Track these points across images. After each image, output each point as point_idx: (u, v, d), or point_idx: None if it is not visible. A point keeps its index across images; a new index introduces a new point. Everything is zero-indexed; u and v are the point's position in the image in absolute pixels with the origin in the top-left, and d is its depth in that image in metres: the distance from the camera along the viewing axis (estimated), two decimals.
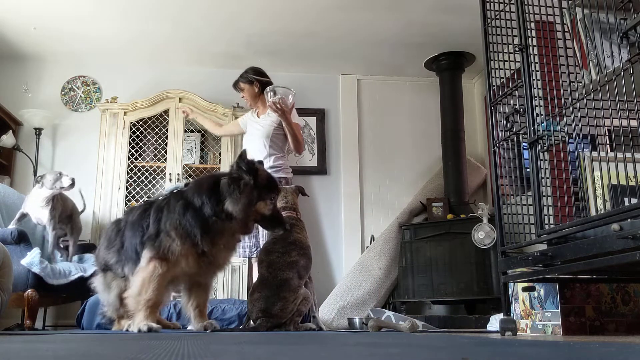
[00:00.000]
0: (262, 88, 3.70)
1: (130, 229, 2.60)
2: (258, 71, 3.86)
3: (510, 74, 2.47)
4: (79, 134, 5.15)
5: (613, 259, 1.71)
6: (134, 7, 4.37)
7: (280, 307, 2.58)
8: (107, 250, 2.72)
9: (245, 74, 3.84)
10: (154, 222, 2.48)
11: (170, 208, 2.48)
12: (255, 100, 3.82)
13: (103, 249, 2.76)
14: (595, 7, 1.99)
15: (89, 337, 1.95)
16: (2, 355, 1.03)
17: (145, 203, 2.71)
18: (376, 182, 5.48)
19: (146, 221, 2.53)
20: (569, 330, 2.50)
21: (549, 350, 1.21)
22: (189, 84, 5.18)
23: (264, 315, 2.57)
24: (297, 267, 2.71)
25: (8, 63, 5.18)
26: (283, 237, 2.76)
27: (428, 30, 4.76)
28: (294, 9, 4.44)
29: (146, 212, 2.58)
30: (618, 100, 1.77)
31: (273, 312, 2.57)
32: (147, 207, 2.61)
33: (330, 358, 0.96)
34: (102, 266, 2.76)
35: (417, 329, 2.66)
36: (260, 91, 3.73)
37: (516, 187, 2.40)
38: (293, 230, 2.79)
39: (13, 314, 4.38)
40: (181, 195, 2.53)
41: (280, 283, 2.62)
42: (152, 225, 2.48)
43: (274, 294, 2.59)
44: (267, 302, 2.58)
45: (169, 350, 1.16)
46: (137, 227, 2.55)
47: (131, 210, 2.78)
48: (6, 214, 4.04)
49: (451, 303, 4.65)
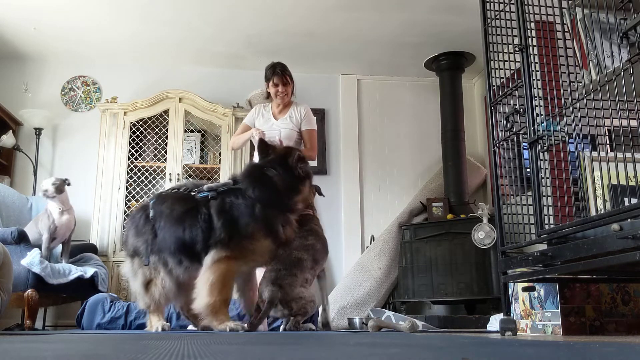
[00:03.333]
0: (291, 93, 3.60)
1: (170, 223, 2.61)
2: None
3: (510, 74, 2.47)
4: (79, 134, 5.15)
5: (613, 259, 1.71)
6: (134, 7, 4.37)
7: (289, 282, 2.59)
8: (136, 237, 2.74)
9: (288, 70, 3.57)
10: (224, 226, 2.52)
11: (240, 209, 2.54)
12: (285, 99, 3.58)
13: (132, 235, 2.76)
14: (595, 7, 1.99)
15: (89, 337, 1.95)
16: (2, 355, 1.03)
17: (181, 196, 2.68)
18: (376, 182, 5.48)
19: (201, 221, 2.54)
20: (569, 330, 2.50)
21: (549, 350, 1.21)
22: (189, 84, 5.19)
23: (274, 285, 2.58)
24: (313, 251, 2.75)
25: (8, 63, 5.18)
26: (301, 226, 2.81)
27: (428, 30, 4.76)
28: (294, 9, 4.44)
29: (194, 210, 2.57)
30: (618, 100, 1.77)
31: (283, 284, 2.58)
32: (195, 205, 2.60)
33: (330, 358, 0.96)
34: (132, 252, 2.77)
35: (417, 329, 2.66)
36: (291, 93, 3.60)
37: (516, 187, 2.40)
38: (310, 224, 2.86)
39: (13, 314, 4.38)
40: (242, 193, 2.58)
41: (294, 261, 2.65)
42: (221, 229, 2.52)
43: (285, 268, 2.62)
44: (278, 274, 2.60)
45: (169, 350, 1.16)
46: (184, 224, 2.57)
47: (162, 200, 2.73)
48: (6, 214, 4.04)
49: (451, 303, 4.65)
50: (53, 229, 3.73)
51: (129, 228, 2.80)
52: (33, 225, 3.80)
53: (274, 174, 2.68)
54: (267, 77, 3.56)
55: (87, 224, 4.66)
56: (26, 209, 4.31)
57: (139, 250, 2.70)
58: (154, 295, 2.66)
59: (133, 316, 3.33)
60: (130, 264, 2.78)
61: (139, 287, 2.71)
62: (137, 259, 2.72)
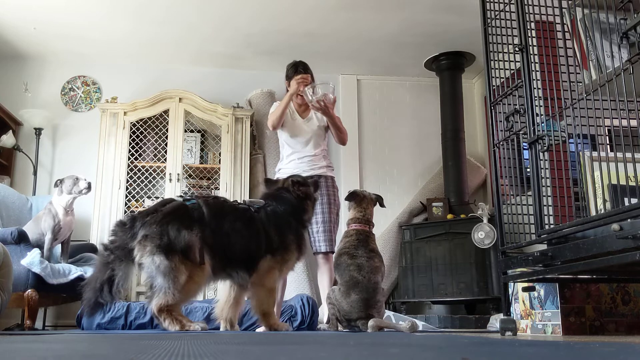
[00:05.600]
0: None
1: (232, 229, 2.68)
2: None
3: (510, 74, 2.47)
4: (79, 134, 5.16)
5: (613, 259, 1.71)
6: (134, 7, 4.38)
7: (377, 310, 2.74)
8: (183, 233, 2.61)
9: (310, 69, 3.55)
10: (278, 236, 2.76)
11: (281, 225, 2.79)
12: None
13: (174, 230, 2.57)
14: (595, 7, 1.99)
15: (89, 337, 1.95)
16: (2, 355, 1.03)
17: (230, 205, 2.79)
18: (376, 182, 5.48)
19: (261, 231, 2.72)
20: (569, 330, 2.50)
21: (549, 350, 1.21)
22: (189, 84, 5.19)
23: (367, 317, 2.68)
24: (380, 273, 2.83)
25: (8, 63, 5.18)
26: (363, 244, 2.86)
27: (428, 30, 4.76)
28: (294, 9, 4.44)
29: (251, 220, 2.73)
30: (618, 100, 1.77)
31: (374, 316, 2.71)
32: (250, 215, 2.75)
33: (330, 358, 0.96)
34: (170, 246, 2.61)
35: (417, 329, 2.66)
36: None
37: (516, 187, 2.40)
38: (369, 240, 2.89)
39: (13, 314, 4.38)
40: (275, 213, 2.82)
41: (374, 287, 2.75)
42: (277, 238, 2.75)
43: (372, 297, 2.73)
44: (367, 304, 2.71)
45: (169, 350, 1.16)
46: (246, 232, 2.70)
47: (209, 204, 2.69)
48: (6, 214, 4.04)
49: (451, 303, 4.65)
50: (57, 229, 3.73)
51: (169, 222, 2.55)
52: (33, 224, 3.79)
53: (287, 194, 2.92)
54: (288, 76, 3.54)
55: (87, 224, 4.66)
56: (26, 209, 4.31)
57: (188, 247, 2.53)
58: (190, 292, 2.56)
59: (133, 316, 3.33)
60: (164, 257, 2.49)
61: (178, 282, 2.49)
62: (177, 255, 2.51)
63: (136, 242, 2.50)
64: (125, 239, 2.54)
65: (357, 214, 2.97)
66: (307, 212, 2.96)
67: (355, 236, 2.88)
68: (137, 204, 4.80)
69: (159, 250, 2.48)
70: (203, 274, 2.57)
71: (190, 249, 2.53)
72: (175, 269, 2.48)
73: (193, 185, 4.98)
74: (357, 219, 2.95)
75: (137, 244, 2.50)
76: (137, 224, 2.54)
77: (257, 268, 2.70)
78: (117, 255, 2.52)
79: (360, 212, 2.97)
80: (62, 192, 3.78)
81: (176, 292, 2.48)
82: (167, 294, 2.48)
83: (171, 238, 2.50)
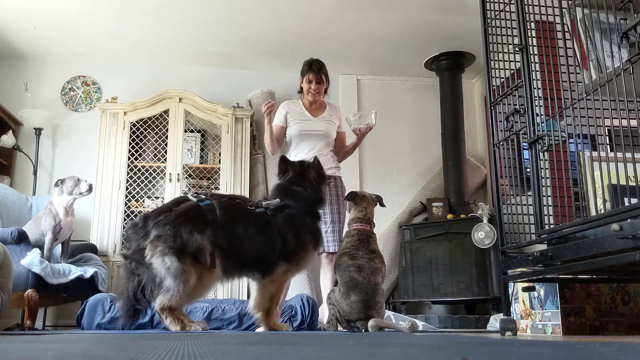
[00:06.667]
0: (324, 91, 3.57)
1: (246, 231, 2.64)
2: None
3: (510, 74, 2.47)
4: (79, 134, 5.16)
5: (613, 259, 1.71)
6: (134, 7, 4.38)
7: (377, 311, 2.74)
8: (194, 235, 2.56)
9: (325, 68, 3.54)
10: (294, 238, 2.69)
11: (297, 227, 2.71)
12: (317, 97, 3.53)
13: (186, 232, 2.54)
14: (595, 7, 1.99)
15: (89, 337, 1.95)
16: (2, 355, 1.03)
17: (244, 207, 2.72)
18: (376, 182, 5.48)
19: (275, 234, 2.66)
20: (569, 330, 2.50)
21: (549, 350, 1.21)
22: (189, 84, 5.19)
23: (366, 318, 2.69)
24: (381, 274, 2.83)
25: (8, 63, 5.18)
26: (364, 245, 2.85)
27: (428, 30, 4.76)
28: (294, 9, 4.44)
29: (266, 222, 2.66)
30: (618, 100, 1.77)
31: (374, 317, 2.72)
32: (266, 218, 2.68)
33: (330, 358, 0.96)
34: (183, 248, 2.55)
35: (417, 329, 2.67)
36: (324, 93, 3.58)
37: (516, 187, 2.40)
38: (370, 241, 2.88)
39: (13, 314, 4.38)
40: (292, 217, 2.74)
41: (374, 288, 2.75)
42: (293, 241, 2.69)
43: (371, 299, 2.73)
44: (367, 305, 2.71)
45: (169, 350, 1.16)
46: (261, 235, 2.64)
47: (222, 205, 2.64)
48: (6, 214, 4.04)
49: (451, 303, 4.65)
50: (58, 230, 3.73)
51: (181, 223, 2.52)
52: (33, 224, 3.79)
53: (300, 189, 2.82)
54: (302, 73, 3.53)
55: (87, 224, 4.66)
56: (26, 209, 4.31)
57: (199, 250, 2.50)
58: (197, 295, 2.55)
59: None
60: (175, 259, 2.46)
61: (187, 285, 2.47)
62: (188, 258, 2.48)
63: (148, 242, 2.47)
64: (138, 240, 2.51)
65: (359, 213, 2.97)
66: (322, 202, 2.89)
67: (357, 236, 2.88)
68: (137, 204, 4.80)
69: (170, 252, 2.44)
70: (212, 277, 2.55)
71: (201, 252, 2.50)
72: (186, 271, 2.45)
73: (193, 185, 4.98)
74: (359, 218, 2.95)
75: (149, 243, 2.47)
76: (149, 223, 2.50)
77: (271, 274, 2.68)
78: (137, 260, 2.48)
79: (361, 212, 2.97)
80: (63, 193, 3.78)
81: (184, 295, 2.46)
82: (174, 296, 2.45)
83: (183, 240, 2.47)
